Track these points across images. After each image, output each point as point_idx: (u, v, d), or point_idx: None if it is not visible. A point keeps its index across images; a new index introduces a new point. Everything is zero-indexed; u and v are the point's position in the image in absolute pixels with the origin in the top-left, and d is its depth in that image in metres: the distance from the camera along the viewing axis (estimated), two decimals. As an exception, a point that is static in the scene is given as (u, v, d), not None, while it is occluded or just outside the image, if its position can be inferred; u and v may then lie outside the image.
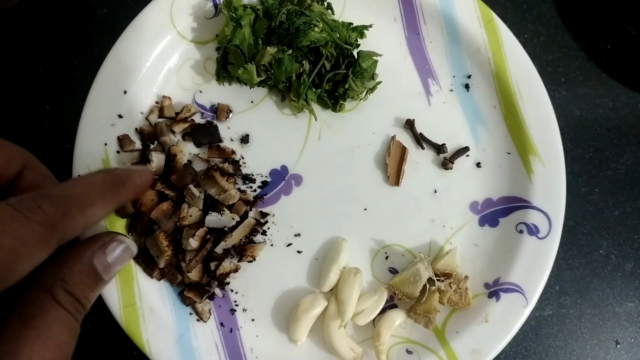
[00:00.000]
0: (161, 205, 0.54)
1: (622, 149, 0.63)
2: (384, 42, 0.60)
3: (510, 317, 0.53)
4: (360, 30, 0.58)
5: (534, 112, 0.58)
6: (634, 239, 0.61)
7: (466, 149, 0.59)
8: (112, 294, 0.52)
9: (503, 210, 0.58)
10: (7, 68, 0.63)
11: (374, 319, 0.54)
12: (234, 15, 0.54)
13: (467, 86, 0.60)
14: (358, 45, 0.57)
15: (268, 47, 0.53)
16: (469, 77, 0.60)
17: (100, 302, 0.52)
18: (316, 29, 0.54)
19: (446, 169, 0.58)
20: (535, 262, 0.54)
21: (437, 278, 0.54)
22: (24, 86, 0.62)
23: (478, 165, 0.59)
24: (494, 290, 0.55)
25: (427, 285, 0.53)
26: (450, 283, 0.54)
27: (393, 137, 0.59)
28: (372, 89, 0.58)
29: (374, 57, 0.57)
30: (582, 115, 0.64)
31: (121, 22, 0.58)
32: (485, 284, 0.55)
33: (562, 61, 0.65)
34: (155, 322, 0.52)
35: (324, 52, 0.55)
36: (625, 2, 0.66)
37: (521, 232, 0.56)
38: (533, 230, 0.55)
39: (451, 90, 0.60)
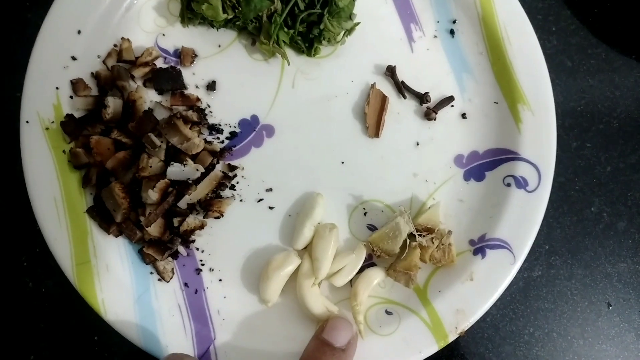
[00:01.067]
0: (118, 154, 0.49)
1: (615, 102, 0.60)
2: (363, -17, 0.56)
3: (496, 275, 0.49)
4: (338, -32, 0.54)
5: (523, 57, 0.54)
6: (627, 196, 0.58)
7: (451, 98, 0.55)
8: (63, 250, 0.47)
9: (490, 163, 0.54)
10: (-49, 11, 0.58)
11: (351, 280, 0.50)
12: (198, -54, 0.49)
13: (452, 32, 0.56)
14: (334, -17, 0.53)
15: (234, -20, 0.48)
16: (454, 22, 0.56)
17: (51, 259, 0.47)
18: (288, -39, 0.49)
19: (429, 119, 0.54)
20: (524, 217, 0.51)
21: (419, 233, 0.50)
22: (-29, 30, 0.57)
23: (463, 116, 0.55)
24: (480, 246, 0.51)
25: (408, 241, 0.49)
26: (432, 238, 0.50)
27: (373, 85, 0.54)
28: (349, 31, 0.53)
29: (352, -4, 0.52)
30: (573, 66, 0.60)
31: (76, -41, 0.53)
32: (470, 241, 0.52)
33: (553, 9, 0.61)
34: (112, 281, 0.48)
35: (297, -12, 0.51)
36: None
37: (509, 185, 0.52)
38: (521, 183, 0.52)
39: (435, 36, 0.56)
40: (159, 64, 0.54)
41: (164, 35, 0.54)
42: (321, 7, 0.52)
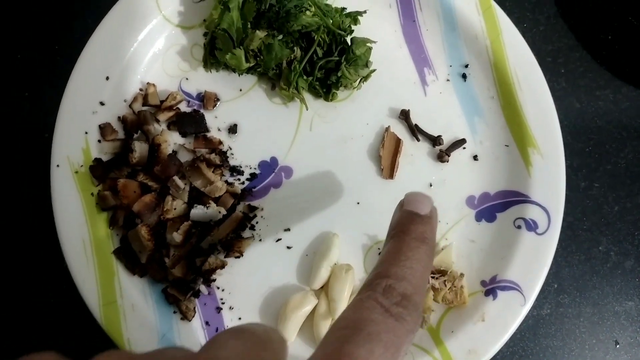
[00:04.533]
0: (144, 198, 0.51)
1: (622, 142, 0.61)
2: (378, 29, 0.58)
3: (507, 316, 0.51)
4: (354, 16, 0.56)
5: (533, 102, 0.55)
6: (634, 235, 0.59)
7: (463, 141, 0.57)
8: (91, 291, 0.49)
9: (500, 205, 0.56)
10: (-17, 53, 0.60)
11: (366, 317, 0.52)
12: (221, -2, 0.52)
13: (464, 76, 0.58)
14: (352, 32, 0.55)
15: (257, 31, 0.50)
16: (466, 66, 0.58)
17: (79, 300, 0.50)
18: (308, 12, 0.51)
19: (442, 161, 0.56)
20: (534, 259, 0.52)
21: (432, 275, 0.52)
22: (2, 72, 0.59)
23: (475, 158, 0.57)
24: (491, 288, 0.53)
25: (422, 283, 0.51)
26: (445, 281, 0.52)
27: (387, 128, 0.56)
28: (366, 77, 0.55)
29: (368, 44, 0.54)
30: (582, 107, 0.62)
31: (104, 5, 0.55)
32: (481, 282, 0.53)
33: (562, 52, 0.63)
34: (137, 320, 0.50)
35: (316, 37, 0.53)
36: (627, -8, 0.64)
37: (519, 227, 0.54)
38: (531, 226, 0.53)
39: (448, 80, 0.58)
40: (183, 107, 0.56)
41: (187, 79, 0.57)
42: (339, 54, 0.54)
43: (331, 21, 0.53)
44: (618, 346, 0.56)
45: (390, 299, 0.29)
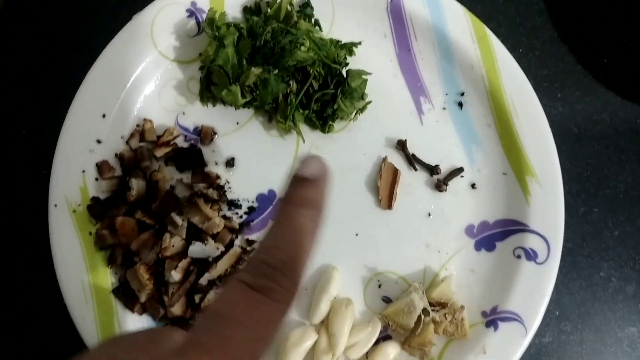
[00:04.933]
0: (142, 236, 0.51)
1: (621, 166, 0.61)
2: (373, 59, 0.58)
3: (508, 347, 0.51)
4: (349, 48, 0.56)
5: (530, 130, 0.55)
6: (635, 260, 0.59)
7: (460, 169, 0.57)
8: (90, 330, 0.49)
9: (500, 234, 0.55)
10: (-20, 91, 0.60)
11: (366, 352, 0.52)
12: (217, 34, 0.52)
13: (460, 104, 0.58)
14: (347, 64, 0.55)
15: (253, 68, 0.51)
16: (462, 94, 0.58)
17: (77, 338, 0.49)
18: (303, 48, 0.52)
19: (440, 191, 0.56)
20: (534, 289, 0.52)
21: (432, 308, 0.52)
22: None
23: (473, 186, 0.57)
24: (492, 319, 0.52)
25: (422, 316, 0.51)
26: (445, 314, 0.51)
27: (384, 159, 0.56)
28: (361, 109, 0.56)
29: (364, 76, 0.54)
30: (579, 132, 0.62)
31: (100, 43, 0.55)
32: (482, 312, 0.53)
33: (558, 76, 0.63)
34: None
35: (311, 71, 0.53)
36: (622, 15, 0.64)
37: (519, 257, 0.54)
38: (531, 255, 0.53)
39: (444, 108, 0.58)
40: (180, 141, 0.56)
41: (184, 113, 0.57)
42: (334, 87, 0.54)
43: (326, 54, 0.53)
44: (621, 373, 0.56)
45: (257, 274, 0.28)
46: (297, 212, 0.31)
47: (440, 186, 0.56)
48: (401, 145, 0.57)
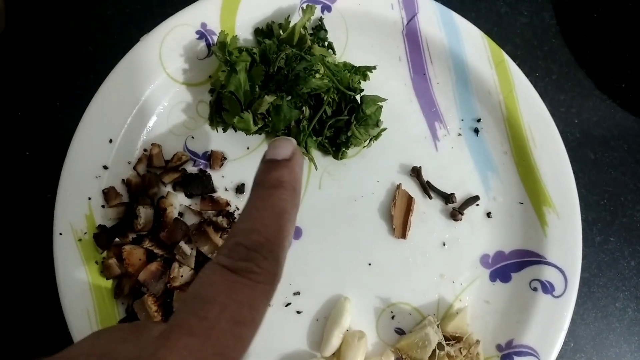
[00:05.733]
0: (150, 266, 0.50)
1: (638, 194, 0.60)
2: (388, 83, 0.57)
3: (525, 383, 0.50)
4: (364, 72, 0.55)
5: (548, 160, 0.54)
6: (651, 290, 0.58)
7: (476, 197, 0.55)
8: (96, 364, 0.48)
9: (515, 265, 0.54)
10: (-17, 110, 0.59)
11: (379, 385, 0.51)
12: (228, 59, 0.50)
13: (476, 130, 0.57)
14: (361, 90, 0.54)
15: (266, 96, 0.49)
16: (479, 120, 0.57)
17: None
18: (317, 75, 0.50)
19: (455, 220, 0.55)
20: (551, 323, 0.51)
21: (447, 342, 0.50)
22: (1, 130, 0.58)
23: (488, 215, 0.55)
24: (507, 353, 0.51)
25: (437, 350, 0.50)
26: (460, 348, 0.50)
27: (399, 186, 0.55)
28: (376, 137, 0.54)
29: (379, 103, 0.53)
30: (596, 158, 0.60)
31: (107, 62, 0.53)
32: (497, 346, 0.52)
33: (575, 101, 0.61)
34: (144, 393, 0.48)
35: (325, 98, 0.51)
36: (640, 38, 0.63)
37: (535, 289, 0.52)
38: (548, 288, 0.52)
39: (459, 134, 0.57)
40: (189, 167, 0.54)
41: (193, 137, 0.55)
42: (348, 113, 0.53)
43: (340, 80, 0.52)
44: (637, 407, 0.55)
45: (235, 256, 0.28)
46: (272, 195, 0.31)
47: (455, 215, 0.55)
48: (416, 173, 0.55)
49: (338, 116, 0.53)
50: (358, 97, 0.53)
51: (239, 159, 0.55)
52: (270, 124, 0.52)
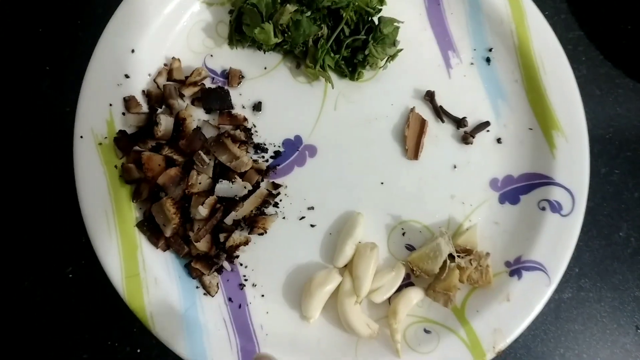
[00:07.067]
0: (169, 171, 0.50)
1: (642, 130, 0.62)
2: (403, 12, 0.58)
3: (532, 296, 0.51)
4: (382, -5, 0.56)
5: (558, 86, 0.56)
6: (654, 222, 0.59)
7: (487, 123, 0.57)
8: (113, 262, 0.49)
9: (524, 187, 0.55)
10: (5, 26, 0.59)
11: (389, 297, 0.51)
12: (250, -27, 0.51)
13: (488, 59, 0.58)
14: (380, 10, 0.55)
15: (287, 6, 0.50)
16: (490, 50, 0.58)
17: (100, 272, 0.49)
18: (337, -11, 0.51)
19: (466, 143, 0.56)
20: (559, 240, 0.52)
21: (458, 254, 0.52)
22: (24, 45, 0.59)
23: (499, 141, 0.57)
24: (516, 268, 0.52)
25: (447, 262, 0.51)
26: (470, 260, 0.51)
27: (412, 109, 0.56)
28: (393, 56, 0.55)
29: (396, 24, 0.54)
30: (602, 94, 0.62)
31: (129, -19, 0.55)
32: (506, 262, 0.53)
33: (583, 40, 0.63)
34: (160, 294, 0.49)
35: (344, 15, 0.53)
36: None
37: (543, 209, 0.54)
38: (556, 207, 0.53)
39: (472, 63, 0.58)
40: (207, 84, 0.56)
41: (212, 56, 0.56)
42: (366, 33, 0.54)
43: (359, -1, 0.53)
44: (639, 331, 0.56)
45: None
46: None
47: (466, 139, 0.56)
48: (429, 96, 0.57)
49: (356, 35, 0.54)
50: (375, 19, 0.55)
51: (257, 78, 0.56)
52: (289, 39, 0.53)
